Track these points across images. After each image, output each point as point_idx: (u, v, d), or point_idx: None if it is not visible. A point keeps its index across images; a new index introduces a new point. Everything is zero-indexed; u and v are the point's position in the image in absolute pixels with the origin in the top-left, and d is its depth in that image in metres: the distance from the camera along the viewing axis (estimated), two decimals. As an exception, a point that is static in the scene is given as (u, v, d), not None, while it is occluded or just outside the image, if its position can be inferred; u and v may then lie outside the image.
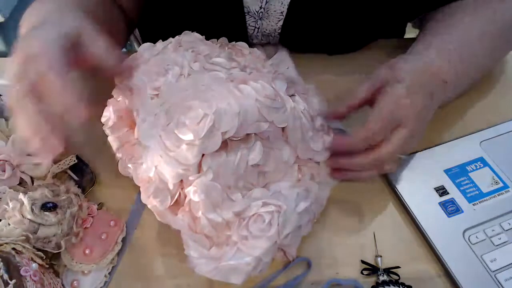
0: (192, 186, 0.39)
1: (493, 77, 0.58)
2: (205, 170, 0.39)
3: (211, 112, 0.38)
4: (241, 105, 0.39)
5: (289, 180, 0.43)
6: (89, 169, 0.49)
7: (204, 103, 0.38)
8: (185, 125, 0.38)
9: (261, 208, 0.39)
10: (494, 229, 0.44)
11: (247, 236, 0.38)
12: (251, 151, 0.40)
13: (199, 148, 0.38)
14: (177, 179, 0.39)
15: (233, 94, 0.40)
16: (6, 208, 0.41)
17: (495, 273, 0.42)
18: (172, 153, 0.39)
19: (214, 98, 0.39)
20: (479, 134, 0.51)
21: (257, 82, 0.41)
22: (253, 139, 0.41)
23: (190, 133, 0.38)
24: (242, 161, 0.40)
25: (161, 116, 0.41)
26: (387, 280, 0.41)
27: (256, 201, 0.39)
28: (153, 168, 0.40)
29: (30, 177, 0.45)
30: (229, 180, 0.40)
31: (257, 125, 0.40)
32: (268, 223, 0.38)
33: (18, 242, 0.38)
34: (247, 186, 0.41)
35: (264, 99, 0.40)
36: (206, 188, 0.38)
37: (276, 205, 0.39)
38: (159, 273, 0.43)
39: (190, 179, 0.39)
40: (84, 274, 0.42)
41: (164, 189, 0.40)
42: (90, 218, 0.44)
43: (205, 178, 0.39)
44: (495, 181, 0.47)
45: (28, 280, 0.36)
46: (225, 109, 0.38)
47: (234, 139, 0.40)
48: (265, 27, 0.56)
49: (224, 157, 0.40)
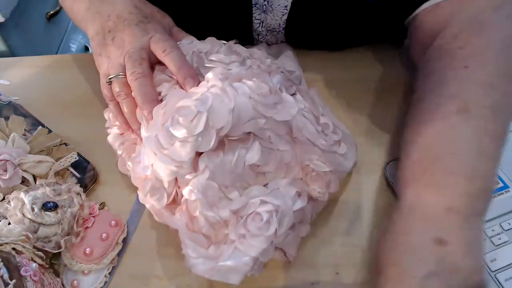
0: (189, 185, 0.39)
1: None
2: (202, 169, 0.39)
3: (205, 109, 0.38)
4: (235, 102, 0.39)
5: (289, 177, 0.42)
6: (91, 166, 0.49)
7: (198, 101, 0.39)
8: (179, 122, 0.38)
9: (259, 206, 0.39)
10: (494, 229, 0.44)
11: (245, 235, 0.38)
12: (249, 151, 0.40)
13: (192, 144, 0.38)
14: (171, 176, 0.40)
15: (226, 92, 0.40)
16: (8, 207, 0.41)
17: (495, 273, 0.42)
18: (166, 151, 0.39)
19: (207, 96, 0.39)
20: (479, 134, 0.51)
21: (252, 79, 0.41)
22: (252, 138, 0.41)
23: (184, 130, 0.38)
24: (239, 160, 0.40)
25: (159, 117, 0.41)
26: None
27: (254, 199, 0.39)
28: (150, 167, 0.40)
29: (32, 176, 0.45)
30: (226, 180, 0.40)
31: (253, 122, 0.40)
32: (267, 222, 0.38)
33: (18, 242, 0.38)
34: (245, 186, 0.41)
35: (258, 97, 0.40)
36: (202, 187, 0.38)
37: (274, 204, 0.39)
38: (159, 273, 0.43)
39: (187, 178, 0.39)
40: (84, 274, 0.42)
41: (160, 187, 0.41)
42: (91, 218, 0.44)
43: (201, 177, 0.39)
44: (495, 181, 0.47)
45: (28, 280, 0.36)
46: (218, 106, 0.38)
47: (232, 139, 0.40)
48: (269, 22, 0.55)
49: (221, 156, 0.40)
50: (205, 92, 0.40)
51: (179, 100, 0.40)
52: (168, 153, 0.39)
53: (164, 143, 0.39)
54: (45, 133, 0.49)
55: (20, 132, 0.48)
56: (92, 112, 0.53)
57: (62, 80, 0.59)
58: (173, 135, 0.38)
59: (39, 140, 0.48)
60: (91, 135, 0.51)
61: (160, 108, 0.41)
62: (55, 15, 1.33)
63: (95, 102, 0.55)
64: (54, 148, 0.48)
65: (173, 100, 0.40)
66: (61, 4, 0.56)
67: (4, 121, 0.48)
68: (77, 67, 0.60)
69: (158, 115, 0.41)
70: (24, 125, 0.49)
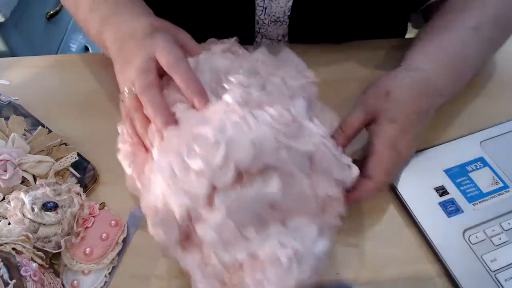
0: (203, 223, 0.36)
1: (493, 77, 0.58)
2: (218, 205, 0.35)
3: (224, 139, 0.35)
4: (256, 132, 0.35)
5: (309, 213, 0.39)
6: (91, 166, 0.49)
7: (216, 129, 0.35)
8: (195, 152, 0.35)
9: (278, 249, 0.35)
10: (494, 229, 0.44)
11: (263, 281, 0.35)
12: (268, 185, 0.36)
13: (209, 178, 0.35)
14: (185, 210, 0.36)
15: (246, 120, 0.36)
16: (8, 207, 0.41)
17: (495, 273, 0.42)
18: (180, 182, 0.35)
19: (226, 124, 0.36)
20: (479, 134, 0.51)
21: (273, 106, 0.38)
22: (271, 171, 0.37)
23: (200, 161, 0.35)
24: (258, 196, 0.36)
25: (173, 141, 0.38)
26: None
27: (273, 240, 0.36)
28: (160, 197, 0.37)
29: (32, 176, 0.45)
30: (243, 217, 0.36)
31: (275, 154, 0.36)
32: (287, 269, 0.35)
33: (18, 242, 0.38)
34: (262, 222, 0.37)
35: (280, 126, 0.37)
36: (218, 226, 0.35)
37: (294, 247, 0.35)
38: (159, 273, 0.43)
39: (201, 213, 0.36)
40: (84, 274, 0.42)
41: (171, 220, 0.37)
42: (91, 218, 0.44)
43: (217, 215, 0.35)
44: (495, 181, 0.47)
45: (28, 280, 0.36)
46: (238, 136, 0.35)
47: (250, 171, 0.36)
48: (273, 9, 0.54)
49: (238, 191, 0.36)
50: (223, 119, 0.37)
51: (195, 125, 0.37)
52: (182, 185, 0.35)
53: (178, 173, 0.36)
54: (45, 133, 0.49)
55: (20, 132, 0.48)
56: (92, 112, 0.53)
57: (62, 80, 0.59)
58: (188, 165, 0.35)
59: (39, 140, 0.48)
60: (91, 135, 0.51)
61: (174, 132, 0.38)
62: (55, 15, 1.33)
63: (95, 102, 0.55)
64: (54, 148, 0.48)
65: (189, 125, 0.38)
66: (75, 19, 0.54)
67: (4, 121, 0.48)
68: (77, 67, 0.60)
69: (171, 139, 0.38)
70: (24, 125, 0.49)
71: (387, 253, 0.44)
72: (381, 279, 0.42)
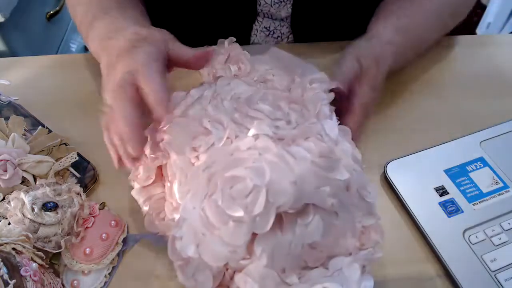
0: (243, 274, 0.34)
1: (493, 77, 0.58)
2: (259, 254, 0.33)
3: (263, 183, 0.32)
4: (296, 172, 0.33)
5: (349, 248, 0.36)
6: (91, 166, 0.49)
7: (253, 171, 0.33)
8: (232, 198, 0.33)
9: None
10: (494, 229, 0.44)
11: None
12: (309, 227, 0.34)
13: (249, 226, 0.32)
14: (223, 261, 0.34)
15: (284, 159, 0.34)
16: (8, 207, 0.41)
17: (495, 273, 0.42)
18: (217, 231, 0.33)
19: (263, 165, 0.33)
20: (479, 134, 0.51)
21: (308, 138, 0.36)
22: (312, 211, 0.34)
23: (240, 209, 0.32)
24: (299, 240, 0.34)
25: (203, 184, 0.35)
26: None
27: (316, 286, 0.33)
28: (193, 247, 0.34)
29: (32, 176, 0.45)
30: (284, 263, 0.34)
31: (317, 193, 0.34)
32: None
33: (18, 242, 0.38)
34: (302, 266, 0.35)
35: (320, 160, 0.34)
36: (260, 276, 0.33)
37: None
38: (159, 273, 0.43)
39: (241, 263, 0.34)
40: (84, 274, 0.42)
41: (205, 268, 0.35)
42: (91, 218, 0.44)
43: (259, 265, 0.33)
44: (495, 181, 0.47)
45: (28, 280, 0.36)
46: (278, 178, 0.32)
47: (289, 212, 0.34)
48: None
49: (278, 236, 0.34)
50: (258, 158, 0.34)
51: (226, 165, 0.34)
52: (220, 235, 0.33)
53: (214, 221, 0.33)
54: (45, 133, 0.49)
55: (20, 132, 0.48)
56: (92, 112, 0.53)
57: (62, 80, 0.59)
58: (224, 212, 0.33)
59: (39, 140, 0.48)
60: (91, 135, 0.51)
61: (200, 171, 0.35)
62: (55, 15, 1.33)
63: (95, 102, 0.55)
64: (54, 148, 0.48)
65: (220, 165, 0.35)
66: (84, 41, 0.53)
67: (4, 121, 0.48)
68: (77, 67, 0.60)
69: (198, 179, 0.35)
70: (24, 125, 0.49)
71: (387, 253, 0.43)
72: (381, 279, 0.42)
